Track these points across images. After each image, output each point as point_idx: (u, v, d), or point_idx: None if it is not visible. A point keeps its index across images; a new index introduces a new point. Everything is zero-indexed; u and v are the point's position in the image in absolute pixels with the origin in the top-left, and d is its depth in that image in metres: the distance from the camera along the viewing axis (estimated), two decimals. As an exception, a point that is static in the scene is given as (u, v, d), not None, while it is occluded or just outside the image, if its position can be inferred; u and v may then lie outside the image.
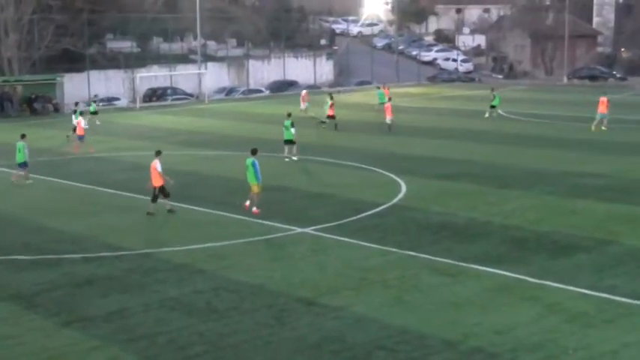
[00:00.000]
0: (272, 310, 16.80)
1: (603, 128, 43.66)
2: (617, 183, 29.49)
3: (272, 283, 18.65)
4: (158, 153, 26.35)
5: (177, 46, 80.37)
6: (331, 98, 47.95)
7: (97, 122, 50.84)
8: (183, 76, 73.96)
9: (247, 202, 26.02)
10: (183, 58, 78.10)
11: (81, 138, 40.46)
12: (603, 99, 44.64)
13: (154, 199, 26.02)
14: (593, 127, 43.78)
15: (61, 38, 66.28)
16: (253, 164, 25.61)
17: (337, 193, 28.78)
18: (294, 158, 35.88)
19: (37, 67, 65.97)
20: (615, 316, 15.99)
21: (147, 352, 14.69)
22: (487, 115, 51.28)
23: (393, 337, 15.10)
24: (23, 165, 32.23)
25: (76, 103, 49.62)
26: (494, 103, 51.40)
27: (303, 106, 54.05)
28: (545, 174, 31.57)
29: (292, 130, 35.88)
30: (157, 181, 25.96)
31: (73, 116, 43.88)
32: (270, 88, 78.20)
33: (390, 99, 49.45)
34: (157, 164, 25.93)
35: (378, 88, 58.99)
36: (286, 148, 36.28)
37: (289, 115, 37.00)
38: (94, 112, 52.20)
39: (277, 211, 25.91)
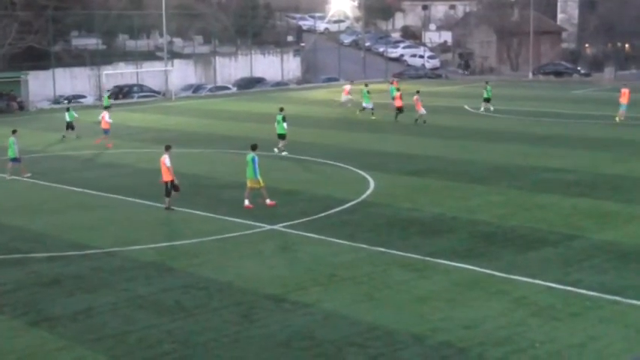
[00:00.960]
0: (241, 307, 16.76)
1: (620, 119, 45.37)
2: (584, 178, 29.80)
3: (241, 280, 18.60)
4: (168, 148, 26.26)
5: (143, 43, 79.87)
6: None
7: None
8: (150, 74, 73.52)
9: (247, 202, 25.99)
10: (150, 55, 77.65)
11: (107, 132, 41.06)
12: (625, 90, 46.06)
13: (168, 193, 25.94)
14: (617, 119, 45.60)
15: (25, 35, 65.58)
16: (253, 160, 25.69)
17: (306, 189, 28.78)
18: (283, 153, 36.16)
19: (1, 65, 65.18)
20: (582, 310, 16.16)
21: (114, 352, 14.58)
22: (482, 109, 52.24)
23: (363, 333, 15.13)
24: (15, 160, 32.52)
25: (69, 101, 49.59)
26: (487, 96, 52.29)
27: (343, 98, 56.07)
28: (512, 169, 31.81)
29: (284, 124, 36.31)
30: (167, 176, 25.85)
31: (67, 114, 43.92)
32: (237, 85, 78.01)
33: (398, 89, 50.47)
34: (165, 159, 25.80)
35: (391, 83, 58.74)
36: (281, 142, 36.70)
37: (281, 109, 37.45)
38: (108, 107, 51.85)
39: (245, 209, 25.83)
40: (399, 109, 48.04)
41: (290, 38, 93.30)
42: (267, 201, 26.05)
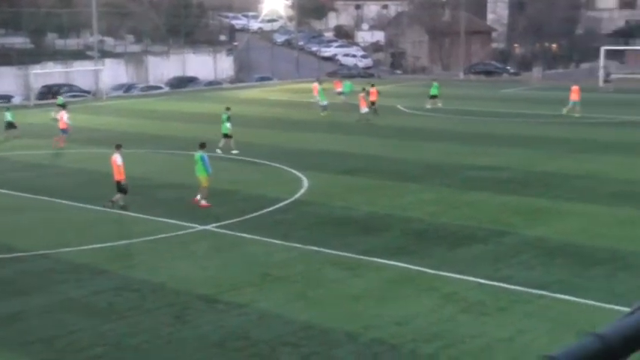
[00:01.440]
0: (174, 308, 16.67)
1: (576, 115, 47.22)
2: (513, 175, 30.36)
3: (174, 281, 18.50)
4: (118, 147, 26.23)
5: (73, 42, 78.58)
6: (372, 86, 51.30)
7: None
8: (80, 73, 72.33)
9: (198, 197, 26.07)
10: (80, 55, 76.44)
11: (65, 131, 40.31)
12: (575, 87, 48.21)
13: (123, 191, 25.75)
14: (565, 111, 47.97)
15: (-51, 33, 64.00)
16: (202, 158, 25.88)
17: (239, 189, 28.73)
18: (233, 152, 36.15)
19: None
20: (510, 305, 16.50)
21: (43, 356, 14.37)
22: (429, 106, 53.34)
23: (297, 333, 15.20)
24: None
25: (8, 101, 48.92)
26: (433, 93, 53.53)
27: (339, 89, 57.89)
28: (444, 167, 32.25)
29: (227, 124, 36.44)
30: (119, 175, 25.74)
31: (7, 114, 43.34)
32: (169, 85, 77.32)
33: (363, 89, 50.30)
34: (117, 158, 25.69)
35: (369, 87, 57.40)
36: (223, 141, 36.43)
37: (228, 108, 37.83)
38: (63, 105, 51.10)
39: (179, 209, 25.70)
40: (373, 103, 49.00)
41: (223, 37, 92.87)
42: (203, 202, 25.98)
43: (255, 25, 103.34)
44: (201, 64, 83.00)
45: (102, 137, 42.90)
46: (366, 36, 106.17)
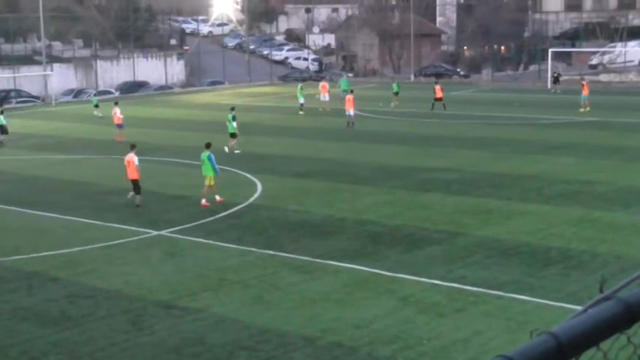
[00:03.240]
0: (129, 315, 16.50)
1: (585, 109, 48.45)
2: (465, 177, 30.62)
3: (128, 287, 18.31)
4: (133, 147, 26.96)
5: (20, 47, 77.39)
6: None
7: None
8: (28, 78, 71.29)
9: (203, 201, 26.39)
10: (27, 60, 75.29)
11: (120, 127, 41.98)
12: (584, 83, 49.78)
13: (138, 190, 26.23)
14: (582, 110, 48.72)
15: None
16: (209, 158, 26.33)
17: (192, 194, 28.50)
18: (236, 152, 36.57)
19: None
20: (466, 305, 16.64)
21: (-2, 366, 14.13)
22: (393, 104, 55.24)
23: (254, 337, 15.15)
24: None
25: (1, 104, 48.85)
26: (396, 91, 55.95)
27: (323, 97, 54.37)
28: (396, 169, 32.40)
29: (234, 123, 37.11)
30: (134, 174, 26.14)
31: (1, 117, 42.73)
32: (120, 90, 76.54)
33: (351, 91, 49.72)
34: (133, 158, 26.26)
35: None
36: (232, 141, 37.05)
37: (232, 108, 38.84)
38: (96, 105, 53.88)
39: (132, 215, 25.45)
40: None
41: (173, 41, 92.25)
42: (203, 201, 26.40)
43: (205, 29, 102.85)
44: (152, 69, 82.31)
45: (53, 143, 42.35)
46: (317, 39, 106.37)
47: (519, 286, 17.66)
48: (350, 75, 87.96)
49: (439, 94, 52.79)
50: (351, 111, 45.41)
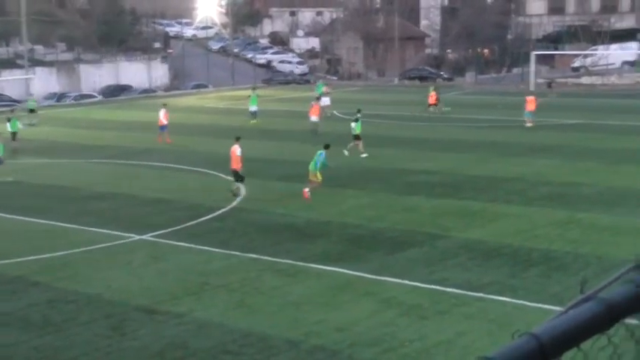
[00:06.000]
0: (111, 320, 16.42)
1: (529, 125, 44.85)
2: (448, 179, 30.68)
3: (110, 292, 18.23)
4: (238, 139, 28.81)
5: (2, 51, 77.06)
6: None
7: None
8: (10, 82, 70.92)
9: (307, 188, 27.51)
10: (9, 63, 74.96)
11: (163, 128, 41.96)
12: (530, 98, 46.03)
13: (240, 179, 27.97)
14: (529, 124, 44.95)
15: None
16: (319, 155, 27.75)
17: (175, 198, 28.46)
18: (362, 155, 36.06)
19: None
20: (448, 307, 16.66)
21: (-22, 372, 14.03)
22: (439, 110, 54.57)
23: (237, 341, 15.11)
24: None
25: (12, 110, 48.77)
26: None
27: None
28: (380, 172, 32.43)
29: (357, 124, 36.97)
30: (237, 164, 28.01)
31: (8, 124, 42.37)
32: (103, 93, 76.23)
33: (318, 98, 48.72)
34: (237, 149, 28.06)
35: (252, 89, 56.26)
36: (359, 143, 36.69)
37: (359, 110, 39.19)
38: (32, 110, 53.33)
39: (114, 219, 25.35)
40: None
41: (157, 45, 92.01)
42: (306, 189, 27.48)
43: (189, 32, 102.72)
44: (135, 72, 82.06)
45: (34, 147, 42.11)
46: (302, 43, 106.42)
47: (501, 288, 17.71)
48: (334, 78, 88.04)
49: (432, 101, 52.70)
50: (314, 117, 44.56)
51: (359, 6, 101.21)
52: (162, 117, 42.31)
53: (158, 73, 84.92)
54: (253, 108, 49.95)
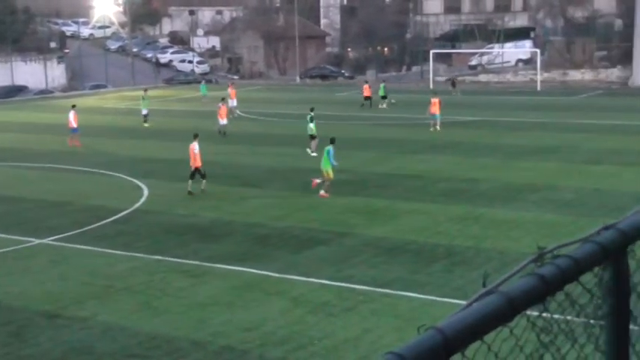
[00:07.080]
0: (10, 326, 15.96)
1: (436, 128, 43.03)
2: (354, 177, 30.92)
3: (9, 298, 17.71)
4: (196, 136, 29.18)
5: None
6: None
7: None
8: None
9: (317, 180, 27.58)
10: None
11: (74, 131, 40.71)
12: (434, 100, 43.90)
13: (192, 176, 28.17)
14: (432, 129, 43.03)
15: None
16: (328, 152, 27.58)
17: (76, 200, 27.84)
18: (313, 154, 35.53)
19: None
20: (355, 304, 16.82)
21: None
22: (384, 105, 55.01)
23: (143, 343, 14.90)
24: None
25: None
26: (382, 94, 55.22)
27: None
28: (283, 171, 32.47)
29: (311, 124, 36.79)
30: (196, 162, 28.20)
31: None
32: (-3, 94, 73.88)
33: (223, 99, 47.35)
34: (195, 146, 28.40)
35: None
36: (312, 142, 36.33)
37: (312, 109, 38.39)
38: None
39: (11, 223, 24.62)
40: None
41: (53, 44, 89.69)
42: (322, 192, 27.33)
43: (86, 31, 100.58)
44: (31, 73, 79.82)
45: None
46: (202, 42, 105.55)
47: (406, 284, 17.98)
48: (236, 77, 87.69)
49: (367, 93, 54.42)
50: (223, 120, 43.84)
51: (258, 5, 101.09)
52: (72, 119, 40.93)
53: (55, 73, 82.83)
54: (145, 111, 48.85)
